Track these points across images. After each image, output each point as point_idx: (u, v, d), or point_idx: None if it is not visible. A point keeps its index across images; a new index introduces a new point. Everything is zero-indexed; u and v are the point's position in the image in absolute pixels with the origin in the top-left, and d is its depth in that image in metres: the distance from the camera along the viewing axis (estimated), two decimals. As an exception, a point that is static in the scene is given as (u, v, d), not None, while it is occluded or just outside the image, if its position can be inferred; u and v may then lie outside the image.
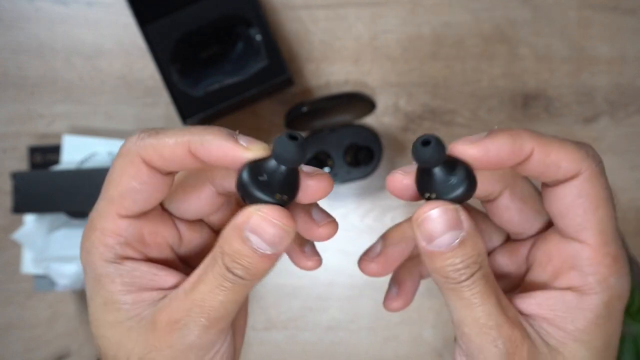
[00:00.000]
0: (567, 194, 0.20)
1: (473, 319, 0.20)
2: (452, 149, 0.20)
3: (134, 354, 0.21)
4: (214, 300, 0.21)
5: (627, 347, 0.41)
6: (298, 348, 0.55)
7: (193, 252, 0.25)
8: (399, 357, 0.55)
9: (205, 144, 0.20)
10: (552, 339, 0.21)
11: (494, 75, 0.55)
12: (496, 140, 0.19)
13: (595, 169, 0.20)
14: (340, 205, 0.56)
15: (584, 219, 0.20)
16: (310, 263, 0.25)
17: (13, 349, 0.55)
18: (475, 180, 0.20)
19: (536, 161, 0.20)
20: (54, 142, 0.55)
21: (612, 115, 0.55)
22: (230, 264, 0.20)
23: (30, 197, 0.50)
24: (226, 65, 0.53)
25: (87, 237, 0.22)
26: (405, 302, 0.26)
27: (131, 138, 0.21)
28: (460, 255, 0.20)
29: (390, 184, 0.22)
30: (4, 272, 0.55)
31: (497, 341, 0.20)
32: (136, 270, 0.22)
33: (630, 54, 0.55)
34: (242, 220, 0.20)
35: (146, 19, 0.51)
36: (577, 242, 0.21)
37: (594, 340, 0.20)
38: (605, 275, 0.20)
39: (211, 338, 0.21)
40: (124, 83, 0.56)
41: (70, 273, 0.52)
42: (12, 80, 0.56)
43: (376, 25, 0.56)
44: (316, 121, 0.53)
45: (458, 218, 0.20)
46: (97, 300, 0.22)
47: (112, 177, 0.21)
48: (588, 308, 0.20)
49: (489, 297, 0.20)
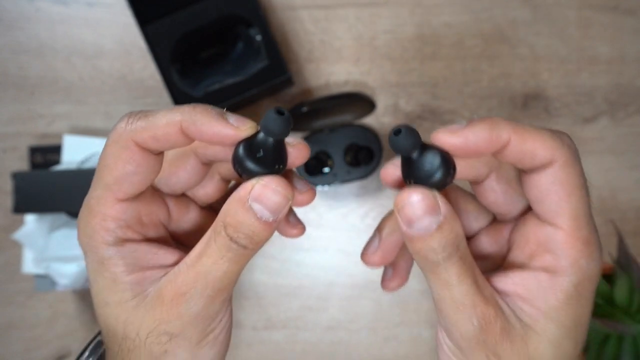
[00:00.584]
0: (543, 181, 0.21)
1: (450, 297, 0.21)
2: (433, 138, 0.21)
3: (143, 329, 0.22)
4: (218, 271, 0.22)
5: (626, 347, 0.41)
6: (298, 348, 0.56)
7: (182, 230, 0.26)
8: (398, 357, 0.55)
9: (197, 124, 0.21)
10: (525, 316, 0.22)
11: (494, 75, 0.56)
12: (474, 129, 0.20)
13: (570, 157, 0.21)
14: (340, 205, 0.56)
15: (558, 205, 0.21)
16: (295, 231, 0.26)
17: (13, 349, 0.55)
18: (453, 166, 0.21)
19: (513, 149, 0.21)
20: (54, 142, 0.55)
21: (612, 116, 0.55)
22: (234, 234, 0.21)
23: (31, 197, 0.50)
24: (226, 65, 0.53)
25: (86, 223, 0.22)
26: (401, 282, 0.28)
27: (121, 122, 0.21)
28: (438, 239, 0.21)
29: (383, 177, 0.24)
30: (5, 272, 0.55)
31: (472, 318, 0.21)
32: (137, 251, 0.23)
33: (630, 54, 0.55)
34: (245, 192, 0.21)
35: (146, 19, 0.51)
36: (551, 227, 0.22)
37: (563, 319, 0.22)
38: (577, 258, 0.21)
39: (216, 308, 0.23)
40: (124, 83, 0.56)
41: (71, 273, 0.52)
42: (13, 81, 0.56)
43: (376, 25, 0.56)
44: (316, 121, 0.54)
45: (436, 203, 0.21)
46: (101, 283, 0.23)
47: (106, 163, 0.22)
48: (559, 288, 0.21)
49: (466, 278, 0.21)
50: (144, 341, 0.22)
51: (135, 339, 0.22)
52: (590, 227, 0.22)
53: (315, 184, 0.54)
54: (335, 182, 0.53)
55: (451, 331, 0.22)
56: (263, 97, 0.55)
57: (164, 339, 0.22)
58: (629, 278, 0.41)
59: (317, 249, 0.56)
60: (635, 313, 0.41)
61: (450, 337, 0.23)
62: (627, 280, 0.41)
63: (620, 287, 0.42)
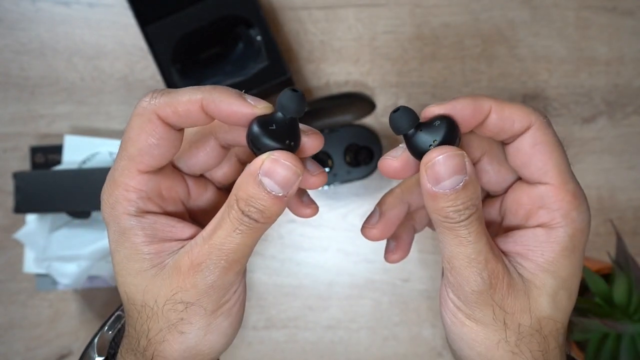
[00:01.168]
0: (525, 144, 0.23)
1: (465, 254, 0.23)
2: (424, 113, 0.23)
3: (160, 297, 0.23)
4: (232, 243, 0.23)
5: (625, 346, 0.41)
6: (298, 347, 0.56)
7: (200, 208, 0.27)
8: (398, 356, 0.55)
9: (216, 102, 0.22)
10: (525, 271, 0.24)
11: (493, 75, 0.56)
12: (460, 101, 0.23)
13: (544, 121, 0.23)
14: (340, 205, 0.56)
15: (543, 163, 0.23)
16: (308, 210, 0.27)
17: (15, 348, 0.56)
18: (456, 126, 0.23)
19: (494, 118, 0.23)
20: (55, 142, 0.55)
21: (610, 116, 0.56)
22: (245, 207, 0.22)
23: (32, 197, 0.50)
24: (226, 65, 0.53)
25: (109, 193, 0.23)
26: (403, 254, 0.29)
27: (145, 98, 0.23)
28: (462, 198, 0.22)
29: (382, 168, 0.25)
30: (6, 271, 0.56)
31: (482, 273, 0.23)
32: (156, 223, 0.24)
33: (629, 54, 0.55)
34: (255, 166, 0.22)
35: (147, 20, 0.51)
36: (541, 185, 0.24)
37: (560, 270, 0.23)
38: (568, 209, 0.23)
39: (230, 279, 0.24)
40: (125, 83, 0.56)
41: (72, 272, 0.52)
42: (14, 81, 0.56)
43: (376, 25, 0.56)
44: (316, 121, 0.54)
45: (464, 163, 0.22)
46: (122, 252, 0.24)
47: (130, 136, 0.23)
48: (555, 241, 0.23)
49: (481, 236, 0.23)
50: (161, 308, 0.23)
51: (154, 306, 0.23)
52: (574, 182, 0.24)
53: (315, 183, 0.54)
54: (335, 182, 0.54)
55: (461, 285, 0.23)
56: (263, 97, 0.55)
57: (180, 307, 0.23)
58: (627, 277, 0.42)
59: (317, 249, 0.56)
60: (633, 312, 0.42)
61: (458, 293, 0.24)
62: (626, 279, 0.42)
63: (619, 286, 0.42)
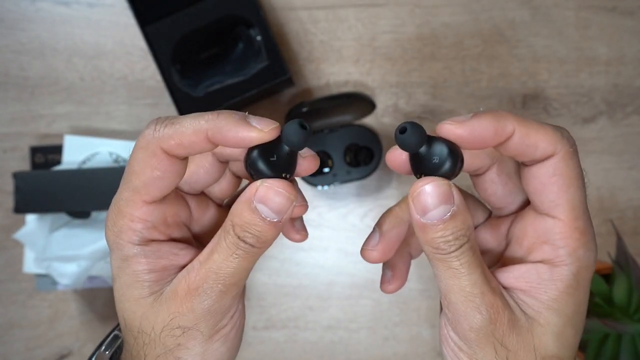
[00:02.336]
0: (543, 172, 0.22)
1: (459, 287, 0.22)
2: (439, 129, 0.22)
3: (158, 323, 0.23)
4: (229, 267, 0.23)
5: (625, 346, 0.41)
6: (298, 347, 0.56)
7: (202, 229, 0.28)
8: (398, 356, 0.55)
9: (223, 131, 0.21)
10: (528, 308, 0.23)
11: (493, 75, 0.56)
12: (481, 120, 0.21)
13: (569, 150, 0.22)
14: (340, 205, 0.56)
15: (557, 196, 0.22)
16: (298, 236, 0.27)
17: (15, 348, 0.56)
18: (461, 157, 0.22)
19: (516, 141, 0.21)
20: (55, 142, 0.55)
21: (611, 116, 0.56)
22: (241, 233, 0.22)
23: (32, 197, 0.50)
24: (227, 65, 0.53)
25: (114, 222, 0.24)
26: (400, 284, 0.28)
27: (148, 130, 0.22)
28: (450, 228, 0.21)
29: (389, 161, 0.24)
30: (6, 271, 0.56)
31: (480, 308, 0.22)
32: (160, 251, 0.24)
33: (629, 54, 0.55)
34: (250, 193, 0.22)
35: (147, 20, 0.51)
36: (550, 218, 0.22)
37: (565, 308, 0.22)
38: (575, 247, 0.22)
39: (226, 303, 0.24)
40: (125, 83, 0.56)
41: (71, 273, 0.52)
42: (14, 81, 0.56)
43: (376, 26, 0.56)
44: (316, 121, 0.54)
45: (450, 193, 0.21)
46: (123, 279, 0.24)
47: (135, 169, 0.23)
48: (559, 278, 0.22)
49: (475, 268, 0.22)
50: (158, 335, 0.23)
51: (151, 333, 0.23)
52: (586, 218, 0.22)
53: (315, 184, 0.54)
54: (335, 182, 0.54)
55: (459, 322, 0.22)
56: (263, 97, 0.55)
57: (177, 332, 0.23)
58: (627, 278, 0.42)
59: (317, 248, 0.56)
60: (633, 312, 0.42)
61: (457, 330, 0.23)
62: (626, 279, 0.42)
63: (619, 286, 0.42)
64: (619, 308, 0.42)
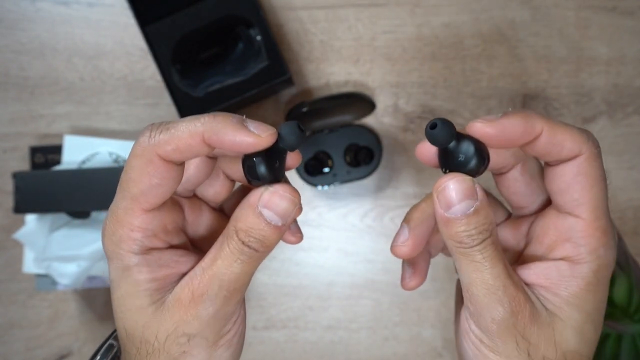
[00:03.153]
0: (567, 172, 0.22)
1: (482, 280, 0.22)
2: (469, 128, 0.22)
3: (161, 332, 0.23)
4: (232, 273, 0.23)
5: (625, 346, 0.41)
6: (298, 347, 0.56)
7: (197, 234, 0.27)
8: (398, 356, 0.55)
9: (219, 134, 0.21)
10: (549, 304, 0.23)
11: (493, 75, 0.56)
12: (510, 120, 0.22)
13: (594, 151, 0.22)
14: (340, 205, 0.56)
15: (580, 195, 0.22)
16: (293, 238, 0.28)
17: (15, 348, 0.56)
18: (487, 155, 0.23)
19: (544, 141, 0.22)
20: (55, 142, 0.55)
21: (611, 116, 0.56)
22: (245, 238, 0.23)
23: (32, 197, 0.50)
24: (226, 65, 0.53)
25: (113, 232, 0.23)
26: (421, 280, 0.29)
27: (143, 137, 0.22)
28: (474, 222, 0.22)
29: (419, 153, 0.25)
30: (6, 271, 0.56)
31: (503, 300, 0.22)
32: (161, 259, 0.24)
33: (629, 54, 0.55)
34: (255, 198, 0.23)
35: (147, 20, 0.51)
36: (572, 217, 0.23)
37: (585, 304, 0.23)
38: (596, 246, 0.23)
39: (230, 309, 0.24)
40: (125, 83, 0.56)
41: (71, 273, 0.52)
42: (14, 81, 0.56)
43: (376, 25, 0.56)
44: (316, 121, 0.54)
45: (473, 188, 0.22)
46: (123, 288, 0.24)
47: (131, 177, 0.22)
48: (580, 276, 0.23)
49: (498, 262, 0.22)
50: (162, 344, 0.23)
51: (154, 342, 0.23)
52: (607, 217, 0.23)
53: (315, 184, 0.54)
54: (335, 182, 0.54)
55: (481, 314, 0.23)
56: (263, 97, 0.55)
57: (182, 340, 0.23)
58: (627, 278, 0.42)
59: (317, 248, 0.56)
60: (634, 312, 0.42)
61: (479, 322, 0.23)
62: (626, 279, 0.42)
63: (619, 286, 0.42)
64: (619, 308, 0.42)
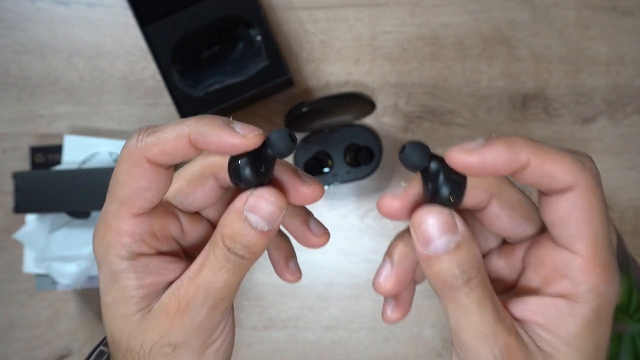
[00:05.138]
0: (562, 205, 0.20)
1: (470, 325, 0.21)
2: (447, 157, 0.20)
3: (146, 341, 0.23)
4: (219, 282, 0.22)
5: (625, 346, 0.41)
6: (298, 347, 0.56)
7: (194, 245, 0.27)
8: (398, 356, 0.55)
9: (205, 135, 0.21)
10: (545, 344, 0.21)
11: (493, 75, 0.56)
12: (493, 149, 0.19)
13: (591, 182, 0.20)
14: (340, 205, 0.56)
15: (577, 231, 0.20)
16: (292, 277, 0.27)
17: (15, 348, 0.56)
18: (464, 185, 0.21)
19: (532, 172, 0.20)
20: (55, 142, 0.55)
21: (611, 116, 0.56)
22: (231, 244, 0.22)
23: (32, 197, 0.50)
24: (226, 65, 0.53)
25: (102, 237, 0.23)
26: (404, 313, 0.27)
27: (131, 140, 0.22)
28: (456, 259, 0.20)
29: (381, 207, 0.23)
30: (6, 271, 0.56)
31: (494, 348, 0.20)
32: (149, 265, 0.23)
33: (629, 54, 0.55)
34: (240, 203, 0.22)
35: (147, 20, 0.51)
36: (569, 252, 0.21)
37: (585, 345, 0.21)
38: (596, 284, 0.21)
39: (217, 318, 0.23)
40: (125, 83, 0.56)
41: (71, 272, 0.52)
42: (14, 81, 0.56)
43: (376, 25, 0.56)
44: (316, 121, 0.54)
45: (453, 222, 0.20)
46: (111, 295, 0.23)
47: (119, 180, 0.22)
48: (579, 315, 0.21)
49: (486, 304, 0.20)
50: (147, 353, 0.23)
51: (139, 351, 0.23)
52: (609, 252, 0.21)
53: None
54: (335, 182, 0.54)
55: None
56: (263, 97, 0.55)
57: (167, 349, 0.23)
58: (627, 278, 0.42)
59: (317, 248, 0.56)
60: (633, 312, 0.42)
61: None
62: (626, 279, 0.42)
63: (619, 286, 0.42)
64: (619, 308, 0.42)
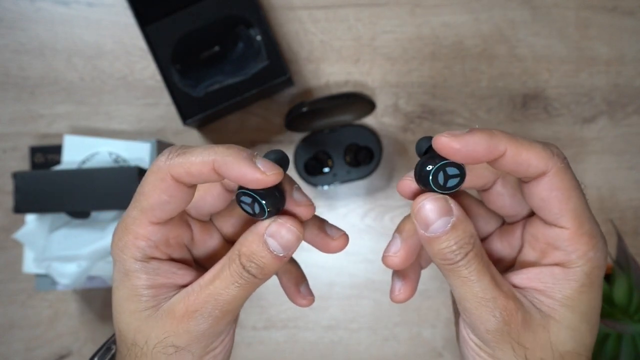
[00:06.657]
0: (541, 189, 0.23)
1: (472, 294, 0.23)
2: (435, 141, 0.23)
3: (151, 338, 0.24)
4: (228, 295, 0.24)
5: (625, 346, 0.41)
6: (298, 347, 0.56)
7: (205, 255, 0.29)
8: (398, 356, 0.55)
9: (228, 165, 0.23)
10: (543, 306, 0.24)
11: (493, 75, 0.56)
12: (474, 136, 0.22)
13: (561, 165, 0.23)
14: (340, 205, 0.56)
15: (559, 209, 0.23)
16: (304, 301, 0.29)
17: (15, 348, 0.56)
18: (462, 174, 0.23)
19: (509, 159, 0.22)
20: (55, 142, 0.55)
21: (611, 116, 0.56)
22: (247, 263, 0.24)
23: (31, 197, 0.50)
24: (226, 65, 0.53)
25: (120, 238, 0.25)
26: (411, 293, 0.29)
27: (162, 157, 0.24)
28: (453, 238, 0.23)
29: (400, 188, 0.25)
30: (6, 271, 0.56)
31: (494, 311, 0.23)
32: (160, 269, 0.25)
33: (629, 54, 0.55)
34: (262, 227, 0.24)
35: (147, 20, 0.51)
36: (557, 228, 0.24)
37: (579, 305, 0.24)
38: (585, 250, 0.23)
39: (220, 328, 0.25)
40: (125, 83, 0.56)
41: (71, 273, 0.52)
42: (14, 81, 0.56)
43: (376, 25, 0.56)
44: (316, 121, 0.54)
45: (448, 205, 0.23)
46: (122, 291, 0.25)
47: (145, 190, 0.24)
48: (573, 278, 0.24)
49: (484, 274, 0.23)
50: (151, 350, 0.25)
51: (144, 346, 0.25)
52: (591, 222, 0.24)
53: (315, 184, 0.54)
54: (335, 182, 0.54)
55: (476, 326, 0.24)
56: (263, 97, 0.55)
57: (170, 350, 0.24)
58: (627, 278, 0.42)
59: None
60: (634, 313, 0.42)
61: (476, 332, 0.24)
62: (626, 279, 0.42)
63: (619, 286, 0.42)
64: (619, 308, 0.42)
